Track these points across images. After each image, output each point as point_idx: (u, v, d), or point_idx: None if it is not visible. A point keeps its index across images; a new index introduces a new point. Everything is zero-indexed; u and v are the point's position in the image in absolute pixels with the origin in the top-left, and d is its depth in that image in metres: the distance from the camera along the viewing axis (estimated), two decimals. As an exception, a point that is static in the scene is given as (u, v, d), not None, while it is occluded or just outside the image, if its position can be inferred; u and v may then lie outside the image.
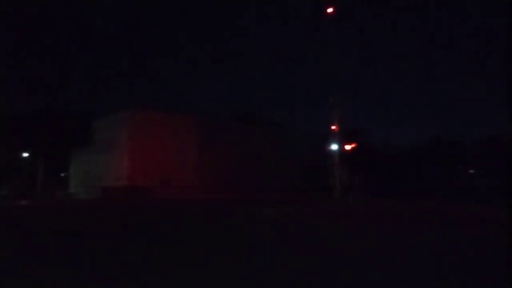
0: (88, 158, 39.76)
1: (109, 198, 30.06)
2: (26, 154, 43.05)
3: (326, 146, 28.84)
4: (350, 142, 28.87)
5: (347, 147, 28.64)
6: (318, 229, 11.40)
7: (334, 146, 28.17)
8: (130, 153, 34.02)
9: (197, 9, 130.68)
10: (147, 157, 34.17)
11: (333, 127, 28.52)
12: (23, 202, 27.11)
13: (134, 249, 7.83)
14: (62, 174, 46.55)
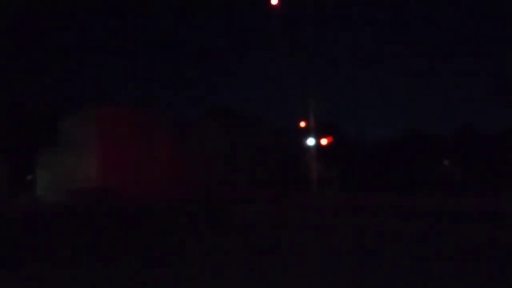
0: (55, 159, 37.89)
1: (76, 201, 28.59)
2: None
3: (303, 141, 28.46)
4: (325, 136, 28.51)
5: (323, 141, 28.27)
6: (287, 225, 10.69)
7: (310, 141, 27.75)
8: (99, 152, 32.48)
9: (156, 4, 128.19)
10: (117, 156, 32.73)
11: (302, 123, 28.05)
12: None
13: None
14: (29, 177, 44.40)
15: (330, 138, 28.95)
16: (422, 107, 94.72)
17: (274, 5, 25.47)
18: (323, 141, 28.73)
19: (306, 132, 28.08)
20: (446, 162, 49.27)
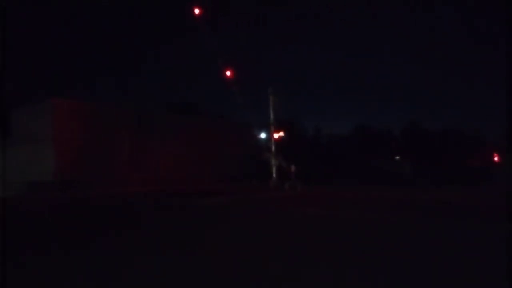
0: (6, 152, 36.26)
1: (30, 195, 27.75)
2: None
3: (257, 135, 29.32)
4: (279, 131, 29.47)
5: (275, 135, 29.12)
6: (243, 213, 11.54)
7: (262, 135, 28.59)
8: (56, 145, 31.64)
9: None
10: (76, 150, 32.06)
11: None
12: None
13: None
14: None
15: (281, 132, 29.73)
16: (372, 105, 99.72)
17: (196, 14, 24.72)
18: (275, 135, 29.63)
19: (262, 126, 28.97)
20: (397, 157, 52.44)
